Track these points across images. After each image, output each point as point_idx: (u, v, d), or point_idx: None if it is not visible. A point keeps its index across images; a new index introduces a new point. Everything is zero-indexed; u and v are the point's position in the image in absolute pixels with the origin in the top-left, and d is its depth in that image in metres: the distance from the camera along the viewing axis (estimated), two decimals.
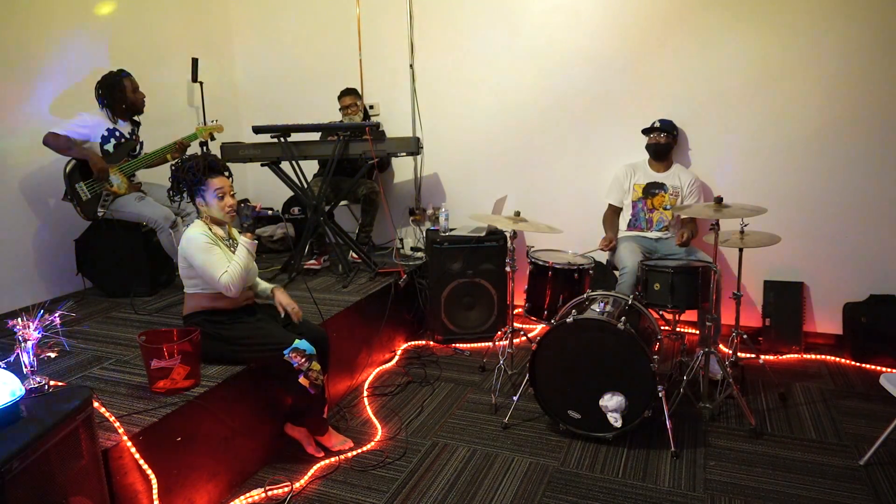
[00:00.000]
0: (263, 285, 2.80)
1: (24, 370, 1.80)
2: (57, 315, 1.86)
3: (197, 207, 2.58)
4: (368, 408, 3.13)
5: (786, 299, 3.75)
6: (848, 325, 3.68)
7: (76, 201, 3.43)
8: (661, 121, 3.71)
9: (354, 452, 2.70)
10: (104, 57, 3.85)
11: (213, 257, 2.46)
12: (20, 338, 1.80)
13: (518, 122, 4.30)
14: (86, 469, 1.74)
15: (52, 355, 1.88)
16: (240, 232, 2.61)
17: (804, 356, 3.67)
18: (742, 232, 3.00)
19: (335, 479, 2.53)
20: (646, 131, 3.75)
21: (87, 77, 3.62)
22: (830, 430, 2.85)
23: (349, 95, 4.30)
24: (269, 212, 2.68)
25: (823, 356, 3.66)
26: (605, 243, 3.60)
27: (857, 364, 3.55)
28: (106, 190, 3.46)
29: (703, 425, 2.88)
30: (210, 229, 2.54)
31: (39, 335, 1.82)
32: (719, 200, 2.83)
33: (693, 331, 3.97)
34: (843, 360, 3.60)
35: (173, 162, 2.68)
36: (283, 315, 2.67)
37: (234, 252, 2.56)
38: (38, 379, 1.81)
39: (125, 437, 1.99)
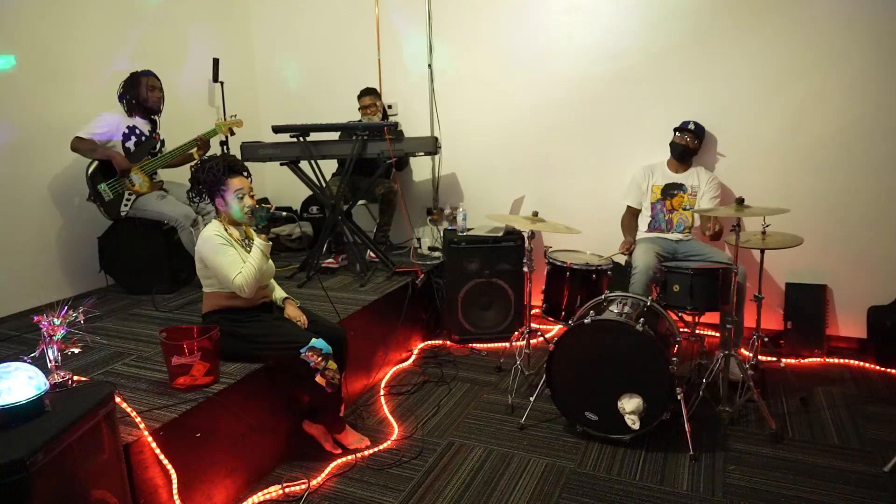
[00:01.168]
0: (278, 293, 2.82)
1: (49, 365, 1.84)
2: (80, 311, 1.89)
3: (216, 208, 2.60)
4: (385, 406, 3.13)
5: (808, 302, 3.69)
6: (872, 329, 3.61)
7: (99, 202, 3.49)
8: (696, 124, 3.63)
9: (371, 451, 2.71)
10: (127, 59, 3.91)
11: (227, 258, 2.48)
12: (45, 333, 1.84)
13: (536, 121, 4.28)
14: (107, 463, 1.77)
15: (76, 351, 1.92)
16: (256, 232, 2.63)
17: (826, 360, 3.62)
18: (764, 233, 2.96)
19: (351, 476, 2.54)
20: (678, 129, 3.67)
21: (109, 79, 3.68)
22: (853, 435, 2.80)
23: (368, 95, 4.32)
24: (284, 213, 2.70)
25: (846, 360, 3.59)
26: (624, 248, 3.57)
27: (882, 369, 3.48)
28: (128, 189, 3.51)
29: (723, 429, 2.85)
30: (226, 229, 2.56)
31: (64, 331, 1.85)
32: (741, 201, 2.80)
33: (713, 333, 3.93)
34: (866, 365, 3.53)
35: (195, 162, 2.69)
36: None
37: (249, 252, 2.58)
38: (62, 374, 1.84)
39: (146, 433, 2.02)
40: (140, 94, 3.55)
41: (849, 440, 2.76)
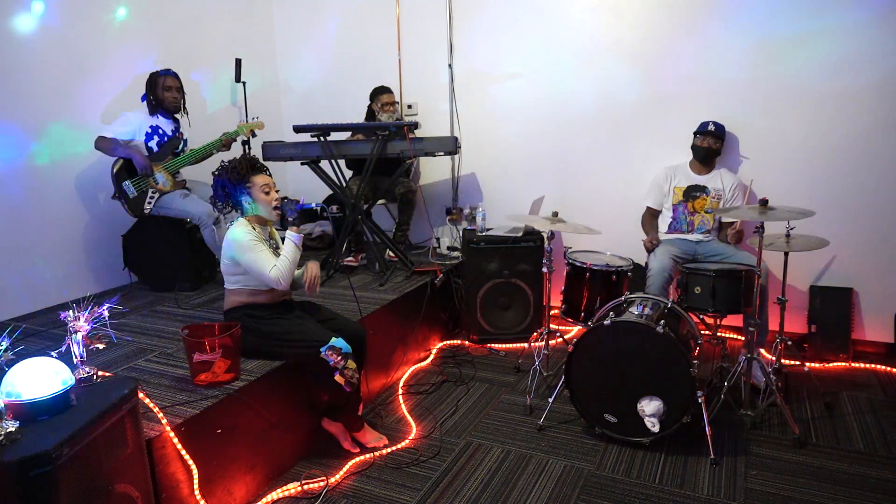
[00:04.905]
0: (300, 272, 2.82)
1: (75, 360, 1.87)
2: (105, 308, 1.92)
3: (243, 206, 2.62)
4: (403, 406, 3.14)
5: (833, 305, 3.62)
6: None
7: (124, 200, 3.55)
8: (715, 124, 3.57)
9: (389, 449, 2.72)
10: (150, 59, 3.96)
11: (259, 254, 2.51)
12: (71, 329, 1.87)
13: (557, 121, 4.26)
14: (130, 458, 1.79)
15: (101, 346, 1.95)
16: (286, 227, 2.64)
17: (852, 365, 3.55)
18: (788, 235, 2.91)
19: (370, 475, 2.55)
20: (697, 132, 3.62)
21: (133, 79, 3.73)
22: (880, 441, 2.74)
23: (388, 93, 4.32)
24: (314, 205, 2.72)
25: (873, 365, 3.52)
26: (649, 242, 3.53)
27: None
28: (151, 187, 3.56)
29: (745, 433, 2.81)
30: (253, 228, 2.59)
31: (89, 327, 1.88)
32: (764, 202, 2.76)
33: (735, 336, 3.88)
34: (894, 370, 3.46)
35: (216, 170, 2.68)
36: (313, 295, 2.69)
37: (275, 252, 2.60)
38: (87, 369, 1.87)
39: (168, 428, 2.05)
40: (157, 94, 3.60)
41: (875, 446, 2.70)
